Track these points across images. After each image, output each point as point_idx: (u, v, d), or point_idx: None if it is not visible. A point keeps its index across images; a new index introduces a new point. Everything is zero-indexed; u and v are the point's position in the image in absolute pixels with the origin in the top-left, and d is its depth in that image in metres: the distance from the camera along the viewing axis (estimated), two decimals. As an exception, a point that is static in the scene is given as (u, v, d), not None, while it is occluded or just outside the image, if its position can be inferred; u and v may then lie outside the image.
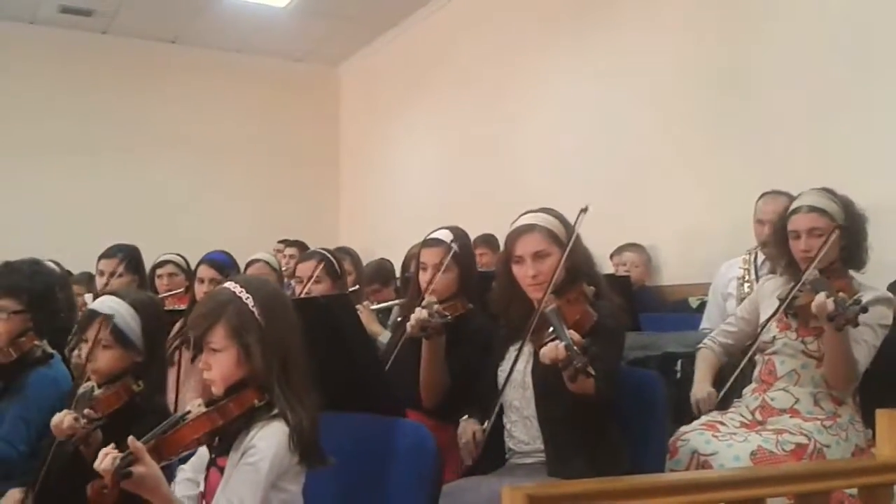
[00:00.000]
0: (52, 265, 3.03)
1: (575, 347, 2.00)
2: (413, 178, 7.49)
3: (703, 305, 4.07)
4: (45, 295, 2.69)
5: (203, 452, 1.93)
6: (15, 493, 2.35)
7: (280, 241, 6.64)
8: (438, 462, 1.95)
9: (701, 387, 2.80)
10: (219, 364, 1.83)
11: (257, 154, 8.27)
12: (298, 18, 7.53)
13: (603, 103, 5.38)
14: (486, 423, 2.32)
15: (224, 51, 8.14)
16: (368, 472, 2.04)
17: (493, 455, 2.44)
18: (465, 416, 2.49)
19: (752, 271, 3.56)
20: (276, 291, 1.99)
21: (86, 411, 2.06)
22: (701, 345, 2.95)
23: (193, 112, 8.00)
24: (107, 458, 1.58)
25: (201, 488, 1.88)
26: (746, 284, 3.53)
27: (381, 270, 4.87)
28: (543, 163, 5.83)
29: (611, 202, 4.99)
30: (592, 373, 2.00)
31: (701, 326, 3.71)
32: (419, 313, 2.57)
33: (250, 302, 1.84)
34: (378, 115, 8.14)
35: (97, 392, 2.13)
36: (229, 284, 1.90)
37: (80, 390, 2.10)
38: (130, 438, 1.60)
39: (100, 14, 7.38)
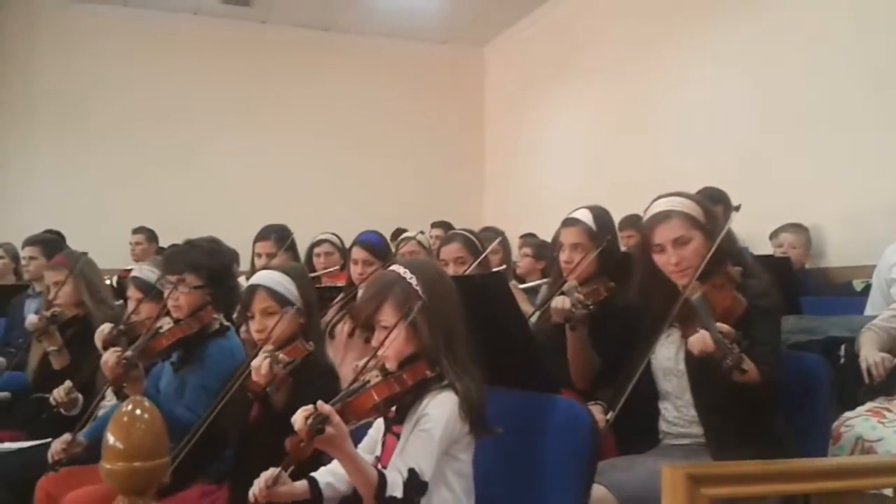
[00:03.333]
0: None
1: (725, 341, 1.97)
2: (559, 158, 7.46)
3: (868, 288, 3.87)
4: (222, 271, 2.85)
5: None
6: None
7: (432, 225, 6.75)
8: (594, 439, 1.96)
9: (870, 350, 2.62)
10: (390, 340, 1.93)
11: (405, 136, 8.47)
12: (445, 1, 7.63)
13: (757, 81, 5.19)
14: (609, 414, 2.25)
15: (373, 36, 8.36)
16: (524, 447, 2.08)
17: (646, 435, 2.44)
18: (594, 402, 2.47)
19: (922, 255, 3.35)
20: (438, 271, 2.08)
21: (279, 356, 2.22)
22: (863, 329, 2.83)
23: (345, 96, 8.28)
24: (300, 418, 1.71)
25: (377, 453, 2.00)
26: (915, 269, 3.33)
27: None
28: (694, 142, 5.69)
29: (768, 181, 4.82)
30: (746, 369, 1.97)
31: (865, 312, 3.54)
32: (561, 302, 2.58)
33: (414, 281, 1.95)
34: (523, 95, 8.13)
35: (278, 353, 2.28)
36: (394, 266, 2.02)
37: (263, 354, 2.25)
38: (320, 402, 1.73)
39: (258, 4, 7.75)
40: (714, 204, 3.72)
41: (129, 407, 1.29)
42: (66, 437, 2.68)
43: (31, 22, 7.54)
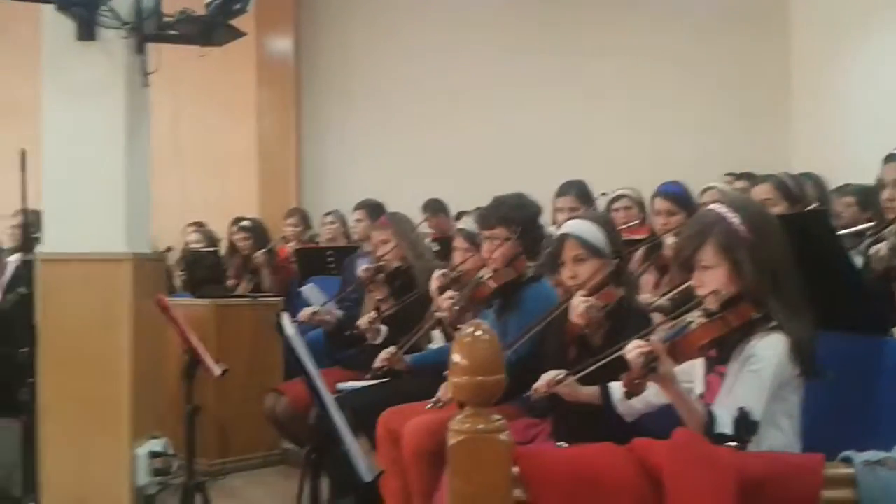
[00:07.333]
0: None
1: None
2: (878, 96, 6.80)
3: None
4: (530, 223, 2.99)
5: None
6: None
7: (727, 175, 6.46)
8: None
9: None
10: (711, 280, 1.93)
11: (701, 85, 8.16)
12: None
13: None
14: None
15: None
16: (855, 391, 1.99)
17: None
18: None
19: None
20: (762, 209, 2.04)
21: (593, 300, 2.32)
22: None
23: (638, 48, 8.07)
24: (635, 353, 1.79)
25: (700, 391, 2.01)
26: None
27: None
28: None
29: None
30: None
31: None
32: (879, 250, 2.39)
33: (736, 220, 1.92)
34: (837, 31, 7.48)
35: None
36: (715, 205, 2.00)
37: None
38: (655, 341, 1.80)
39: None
40: None
41: (471, 329, 1.44)
42: (392, 349, 3.02)
43: (345, 5, 8.24)
